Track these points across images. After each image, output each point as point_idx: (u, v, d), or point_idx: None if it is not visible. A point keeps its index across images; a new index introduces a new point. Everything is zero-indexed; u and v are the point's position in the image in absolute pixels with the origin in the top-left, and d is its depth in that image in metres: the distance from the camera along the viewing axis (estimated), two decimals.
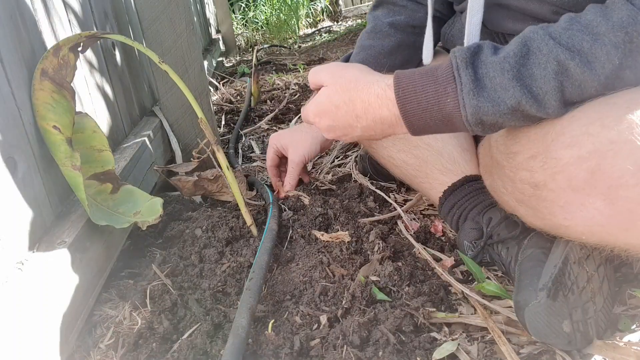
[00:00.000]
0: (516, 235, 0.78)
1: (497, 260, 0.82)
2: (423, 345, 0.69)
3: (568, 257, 0.68)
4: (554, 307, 0.64)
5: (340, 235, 0.94)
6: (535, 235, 0.76)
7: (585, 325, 0.66)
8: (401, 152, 0.98)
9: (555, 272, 0.66)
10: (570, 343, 0.65)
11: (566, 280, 0.66)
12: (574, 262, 0.68)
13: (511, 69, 0.59)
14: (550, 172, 0.62)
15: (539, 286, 0.66)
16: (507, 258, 0.79)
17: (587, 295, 0.67)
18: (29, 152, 0.72)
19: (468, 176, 0.89)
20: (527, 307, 0.65)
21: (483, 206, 0.85)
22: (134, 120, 1.24)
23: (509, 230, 0.80)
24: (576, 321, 0.65)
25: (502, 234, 0.80)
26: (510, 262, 0.78)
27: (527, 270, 0.71)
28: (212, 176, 1.12)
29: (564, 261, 0.67)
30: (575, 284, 0.67)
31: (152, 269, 0.89)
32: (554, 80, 0.58)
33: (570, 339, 0.64)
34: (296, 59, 2.96)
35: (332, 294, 0.81)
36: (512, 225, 0.80)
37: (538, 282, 0.67)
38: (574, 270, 0.68)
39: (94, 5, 1.05)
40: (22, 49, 0.74)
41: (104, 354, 0.73)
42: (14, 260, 0.65)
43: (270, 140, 1.14)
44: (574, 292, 0.66)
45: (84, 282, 0.76)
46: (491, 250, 0.83)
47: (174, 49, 1.24)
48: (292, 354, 0.69)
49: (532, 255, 0.73)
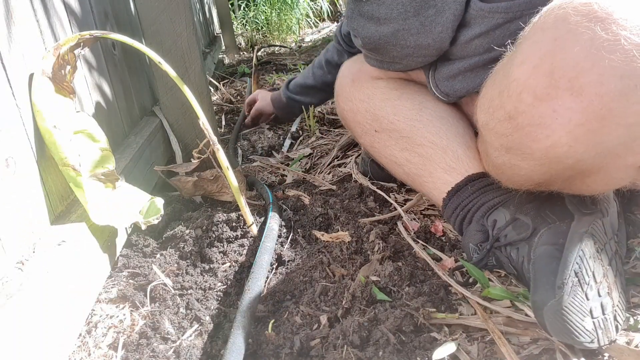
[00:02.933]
0: (526, 237, 0.76)
1: (505, 263, 0.80)
2: (423, 345, 0.69)
3: (584, 251, 0.66)
4: (574, 304, 0.62)
5: (340, 235, 0.94)
6: (546, 232, 0.73)
7: (605, 321, 0.64)
8: (404, 150, 0.98)
9: (573, 268, 0.64)
10: (593, 341, 0.62)
11: (584, 276, 0.64)
12: (590, 256, 0.66)
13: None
14: (515, 96, 0.62)
15: (557, 284, 0.64)
16: (518, 259, 0.76)
17: (604, 290, 0.65)
18: (29, 152, 0.72)
19: (471, 175, 0.88)
20: (546, 306, 0.63)
21: (487, 207, 0.84)
22: (134, 120, 1.24)
23: (518, 233, 0.77)
24: (597, 318, 0.63)
25: (509, 237, 0.78)
26: (523, 262, 0.75)
27: (542, 269, 0.68)
28: (212, 176, 1.12)
29: (581, 256, 0.66)
30: (592, 280, 0.65)
31: (152, 269, 0.89)
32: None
33: (592, 337, 0.62)
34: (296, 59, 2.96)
35: (332, 294, 0.81)
36: (521, 227, 0.77)
37: (555, 279, 0.65)
38: (591, 265, 0.66)
39: (94, 5, 1.05)
40: (22, 49, 0.73)
41: (104, 354, 0.73)
42: (14, 260, 0.65)
43: (252, 95, 1.81)
44: (592, 288, 0.64)
45: (84, 282, 0.76)
46: (499, 253, 0.80)
47: (174, 49, 1.24)
48: (292, 354, 0.69)
49: (546, 253, 0.70)
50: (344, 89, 1.12)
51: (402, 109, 0.99)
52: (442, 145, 0.92)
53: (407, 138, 0.96)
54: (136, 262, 0.91)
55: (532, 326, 0.71)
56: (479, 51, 0.86)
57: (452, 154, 0.91)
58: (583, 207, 0.74)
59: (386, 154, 1.03)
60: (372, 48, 0.95)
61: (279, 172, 1.37)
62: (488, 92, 0.71)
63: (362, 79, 1.09)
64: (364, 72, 1.10)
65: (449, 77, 0.93)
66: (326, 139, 1.55)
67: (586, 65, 0.55)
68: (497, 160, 0.74)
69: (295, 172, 1.33)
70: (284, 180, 1.31)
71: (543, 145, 0.63)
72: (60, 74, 0.79)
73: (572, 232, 0.70)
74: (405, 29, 0.86)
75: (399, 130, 0.98)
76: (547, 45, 0.58)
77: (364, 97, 1.06)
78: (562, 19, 0.57)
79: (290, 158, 1.47)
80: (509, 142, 0.67)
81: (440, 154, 0.92)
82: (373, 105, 1.04)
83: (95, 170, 0.83)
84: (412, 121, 0.97)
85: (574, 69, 0.56)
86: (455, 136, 0.93)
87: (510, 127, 0.65)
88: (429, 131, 0.95)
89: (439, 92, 0.97)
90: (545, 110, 0.60)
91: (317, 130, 1.63)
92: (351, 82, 1.10)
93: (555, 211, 0.75)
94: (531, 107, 0.61)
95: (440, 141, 0.92)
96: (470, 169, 0.89)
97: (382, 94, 1.04)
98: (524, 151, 0.66)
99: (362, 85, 1.08)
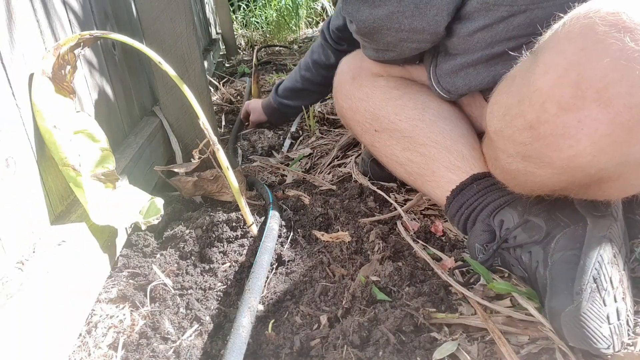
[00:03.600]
0: (539, 240, 0.74)
1: (514, 264, 0.78)
2: (423, 345, 0.69)
3: (602, 257, 0.66)
4: (592, 310, 0.61)
5: (340, 235, 0.94)
6: (563, 237, 0.72)
7: (620, 327, 0.63)
8: (406, 150, 0.97)
9: (592, 274, 0.64)
10: (610, 347, 0.62)
11: (602, 282, 0.64)
12: (608, 262, 0.66)
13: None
14: (538, 105, 0.61)
15: (575, 290, 0.63)
16: (531, 263, 0.74)
17: (620, 295, 0.65)
18: (29, 152, 0.72)
19: (476, 174, 0.87)
20: (564, 313, 0.62)
21: (494, 207, 0.83)
22: (134, 120, 1.24)
23: (530, 235, 0.75)
24: (613, 324, 0.62)
25: (519, 238, 0.76)
26: (537, 267, 0.73)
27: (561, 274, 0.67)
28: (212, 176, 1.12)
29: (599, 261, 0.65)
30: (610, 285, 0.65)
31: (152, 269, 0.89)
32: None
33: (609, 343, 0.62)
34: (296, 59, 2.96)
35: (332, 294, 0.81)
36: (532, 230, 0.76)
37: (572, 285, 0.64)
38: (609, 271, 0.65)
39: (94, 5, 1.05)
40: (22, 49, 0.74)
41: (104, 354, 0.73)
42: (14, 260, 0.65)
43: (244, 107, 1.79)
44: (610, 294, 0.64)
45: (84, 282, 0.76)
46: (507, 254, 0.79)
47: (174, 49, 1.24)
48: (292, 354, 0.69)
49: (564, 258, 0.69)
50: (343, 86, 1.11)
51: (404, 109, 0.98)
52: (446, 145, 0.91)
53: (409, 138, 0.96)
54: (136, 262, 0.91)
55: (532, 325, 0.71)
56: (481, 46, 0.86)
57: (456, 153, 0.90)
58: (594, 210, 0.73)
59: (387, 153, 1.02)
60: (367, 33, 0.94)
61: (279, 172, 1.37)
62: (502, 99, 0.70)
63: (362, 76, 1.08)
64: (364, 68, 1.09)
65: (451, 73, 0.93)
66: (326, 139, 1.55)
67: (615, 77, 0.54)
68: (510, 166, 0.73)
69: (295, 172, 1.33)
70: (284, 180, 1.31)
71: (565, 155, 0.62)
72: (60, 74, 0.79)
73: (589, 236, 0.70)
74: (399, 11, 0.85)
75: (401, 130, 0.98)
76: (573, 56, 0.57)
77: (363, 95, 1.05)
78: (589, 28, 0.56)
79: (290, 158, 1.47)
80: (528, 151, 0.67)
81: (445, 153, 0.91)
82: (373, 104, 1.03)
83: (95, 170, 0.83)
84: (415, 121, 0.96)
85: (603, 80, 0.55)
86: (460, 136, 0.92)
87: (531, 136, 0.65)
88: (432, 131, 0.94)
89: (440, 88, 0.96)
90: (570, 121, 0.59)
91: (317, 130, 1.63)
92: (351, 80, 1.09)
93: (566, 213, 0.74)
94: (555, 117, 0.60)
95: (444, 141, 0.92)
96: (475, 168, 0.88)
97: (382, 93, 1.03)
98: (542, 160, 0.66)
99: (362, 83, 1.07)
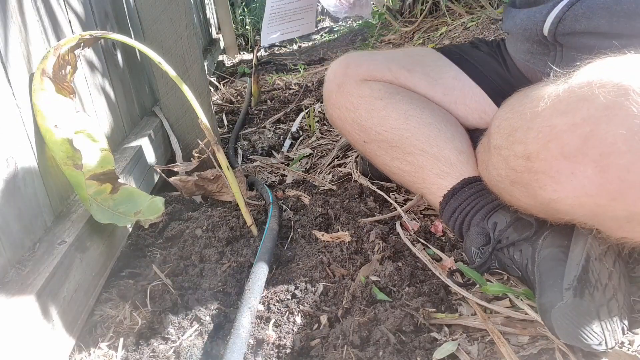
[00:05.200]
0: (529, 237, 0.75)
1: (508, 265, 0.79)
2: (423, 345, 0.69)
3: (590, 253, 0.66)
4: (581, 306, 0.62)
5: (340, 236, 0.94)
6: (550, 234, 0.73)
7: (612, 323, 0.64)
8: (395, 160, 0.97)
9: (580, 270, 0.64)
10: (601, 343, 0.62)
11: (590, 278, 0.64)
12: (595, 258, 0.67)
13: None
14: (543, 141, 0.62)
15: (564, 286, 0.64)
16: (521, 261, 0.76)
17: (610, 292, 0.66)
18: (29, 152, 0.72)
19: (467, 178, 0.88)
20: (554, 309, 0.63)
21: (487, 210, 0.83)
22: (135, 120, 1.24)
23: (519, 233, 0.77)
24: (604, 320, 0.63)
25: (511, 237, 0.77)
26: (527, 264, 0.74)
27: (548, 271, 0.68)
28: (212, 176, 1.12)
29: (586, 258, 0.66)
30: (599, 282, 0.65)
31: (153, 268, 0.89)
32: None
33: (600, 339, 0.62)
34: (296, 59, 2.96)
35: (332, 294, 0.81)
36: (522, 227, 0.77)
37: (562, 282, 0.65)
38: (597, 267, 0.66)
39: (94, 5, 1.05)
40: (22, 49, 0.74)
41: (104, 354, 0.73)
42: (14, 261, 0.65)
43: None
44: (599, 290, 0.64)
45: (85, 282, 0.76)
46: (501, 255, 0.80)
47: (174, 49, 1.24)
48: (292, 354, 0.69)
49: (551, 255, 0.70)
50: (331, 95, 1.09)
51: (388, 120, 0.98)
52: (433, 153, 0.91)
53: (396, 147, 0.96)
54: (136, 262, 0.91)
55: (532, 325, 0.71)
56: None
57: (444, 159, 0.90)
58: None
59: (378, 162, 1.02)
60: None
61: (279, 172, 1.37)
62: (513, 118, 0.69)
63: (347, 84, 1.05)
64: (349, 76, 1.06)
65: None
66: (326, 139, 1.55)
67: (623, 149, 0.54)
68: (498, 184, 0.74)
69: (295, 172, 1.33)
70: (284, 180, 1.31)
71: (547, 196, 0.63)
72: (60, 74, 0.79)
73: (576, 233, 0.71)
74: None
75: (388, 141, 0.98)
76: (596, 111, 0.56)
77: (350, 105, 1.04)
78: (623, 92, 0.55)
79: (290, 158, 1.47)
80: (517, 178, 0.68)
81: (432, 161, 0.91)
82: (359, 116, 1.02)
83: (95, 170, 0.83)
84: (400, 130, 0.96)
85: (610, 146, 0.55)
86: (445, 142, 0.92)
87: (524, 166, 0.65)
88: (417, 139, 0.94)
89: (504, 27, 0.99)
90: (565, 168, 0.60)
91: (317, 130, 1.63)
92: (337, 88, 1.07)
93: None
94: (553, 159, 0.61)
95: (431, 149, 0.92)
96: (464, 173, 0.89)
97: (367, 104, 1.01)
98: (528, 190, 0.67)
99: (348, 92, 1.05)
